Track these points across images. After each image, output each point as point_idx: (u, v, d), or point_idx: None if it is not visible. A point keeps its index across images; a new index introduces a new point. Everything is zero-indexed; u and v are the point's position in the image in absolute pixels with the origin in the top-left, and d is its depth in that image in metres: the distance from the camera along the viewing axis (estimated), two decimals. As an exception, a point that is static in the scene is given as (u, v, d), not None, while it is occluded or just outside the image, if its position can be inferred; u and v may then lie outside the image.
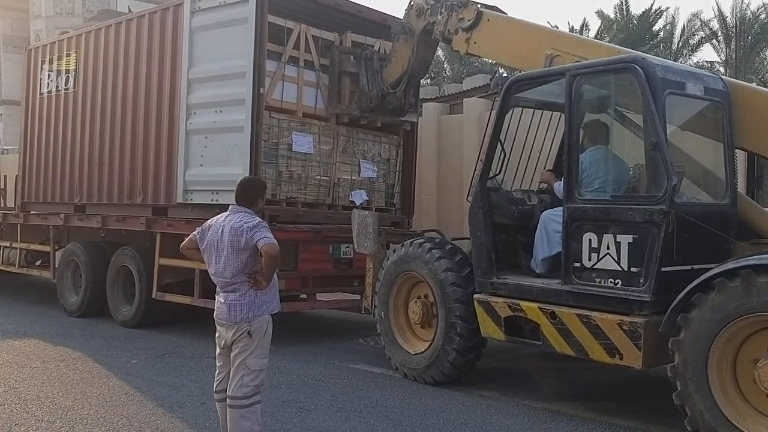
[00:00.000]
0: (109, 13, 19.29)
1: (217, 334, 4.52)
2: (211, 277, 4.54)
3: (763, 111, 5.51)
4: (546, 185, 6.61)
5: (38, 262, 11.34)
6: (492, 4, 7.03)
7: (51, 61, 10.50)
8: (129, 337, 8.44)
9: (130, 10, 20.26)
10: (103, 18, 15.25)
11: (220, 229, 4.42)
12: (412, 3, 7.43)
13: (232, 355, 4.42)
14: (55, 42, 10.78)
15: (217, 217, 4.56)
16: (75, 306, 9.88)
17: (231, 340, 4.39)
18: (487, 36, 6.86)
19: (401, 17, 7.74)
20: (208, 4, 8.14)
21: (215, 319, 4.50)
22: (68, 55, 10.18)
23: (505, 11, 7.09)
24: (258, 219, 4.43)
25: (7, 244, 11.61)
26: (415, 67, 7.68)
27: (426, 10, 7.25)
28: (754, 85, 6.93)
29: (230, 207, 4.53)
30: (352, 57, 8.37)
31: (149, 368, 6.94)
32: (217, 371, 4.56)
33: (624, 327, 4.98)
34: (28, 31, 26.14)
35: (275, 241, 4.31)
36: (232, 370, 4.41)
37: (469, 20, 6.90)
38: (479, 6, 6.91)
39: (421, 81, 9.33)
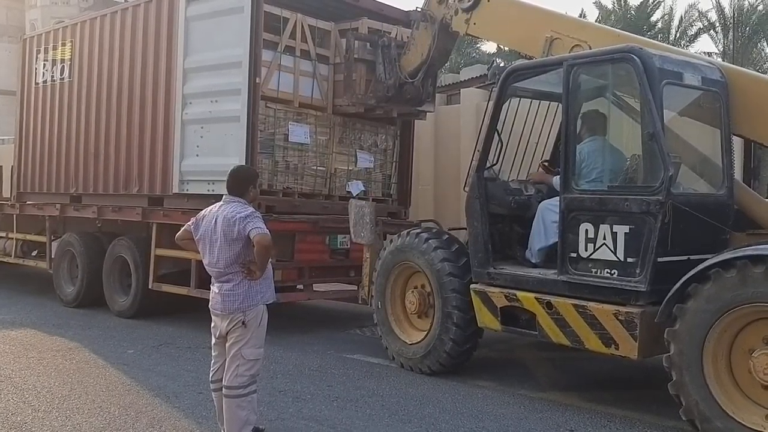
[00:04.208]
0: (105, 3, 19.14)
1: (212, 324, 4.52)
2: (206, 268, 4.54)
3: (763, 98, 5.48)
4: (542, 184, 6.50)
5: (34, 253, 11.31)
6: None
7: (46, 51, 10.43)
8: (125, 328, 8.44)
9: (125, 0, 20.16)
10: (99, 7, 15.13)
11: (214, 220, 4.41)
12: None
13: (227, 345, 4.42)
14: (50, 31, 10.71)
15: (211, 207, 4.56)
16: (71, 296, 9.86)
17: (226, 330, 4.39)
18: (487, 17, 6.83)
19: (396, 6, 7.65)
20: (203, -7, 8.10)
21: (210, 309, 4.50)
22: (63, 44, 10.11)
23: None
24: (251, 209, 4.43)
25: (3, 235, 11.57)
26: (435, 56, 7.50)
27: None
28: (754, 72, 6.91)
29: (223, 197, 4.53)
30: (368, 44, 8.13)
31: (146, 358, 6.95)
32: (212, 361, 4.57)
33: (620, 317, 4.99)
34: (23, 20, 25.94)
35: (267, 231, 4.31)
36: (227, 360, 4.41)
37: (469, 1, 6.87)
38: None
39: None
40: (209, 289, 4.58)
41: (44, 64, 10.45)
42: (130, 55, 9.01)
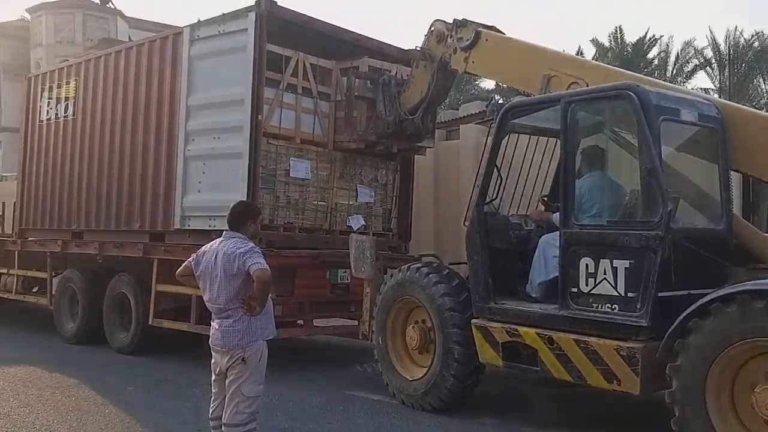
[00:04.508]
0: (110, 42, 19.42)
1: (212, 361, 4.51)
2: (206, 304, 4.54)
3: (759, 133, 5.53)
4: (542, 222, 6.52)
5: (35, 289, 11.30)
6: (490, 25, 7.12)
7: (51, 89, 10.55)
8: (125, 364, 8.40)
9: (130, 39, 20.43)
10: (104, 46, 15.35)
11: (214, 255, 4.43)
12: (432, 28, 7.38)
13: (227, 381, 4.40)
14: (55, 70, 10.85)
15: (212, 243, 4.58)
16: (71, 333, 9.83)
17: (226, 366, 4.38)
18: (485, 55, 6.93)
19: (396, 45, 7.76)
20: (207, 33, 8.24)
21: (210, 345, 4.49)
22: (68, 82, 10.24)
23: (503, 31, 7.17)
24: (250, 244, 4.44)
25: (5, 271, 11.57)
26: (435, 93, 7.61)
27: (446, 36, 7.23)
28: (750, 108, 6.98)
29: (224, 233, 4.56)
30: (369, 82, 8.26)
31: (145, 395, 6.90)
32: (212, 398, 4.54)
33: (621, 352, 4.97)
34: (28, 58, 26.25)
35: (267, 267, 4.32)
36: (227, 396, 4.39)
37: (467, 40, 6.98)
38: (478, 26, 6.99)
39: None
40: (209, 325, 4.58)
41: (48, 102, 10.57)
42: (133, 93, 9.11)
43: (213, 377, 4.52)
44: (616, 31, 29.87)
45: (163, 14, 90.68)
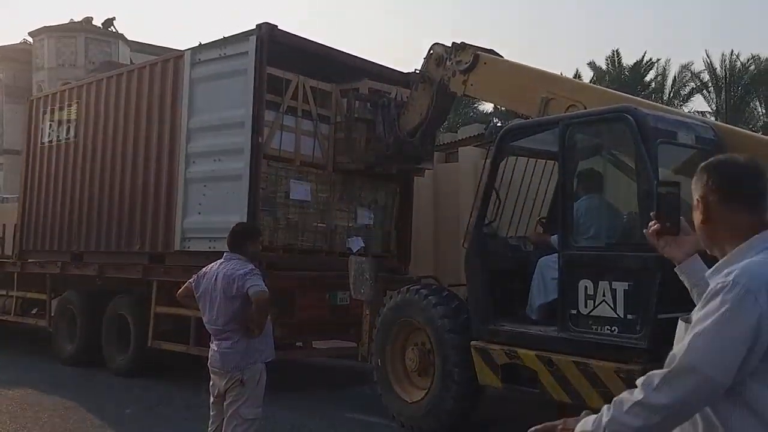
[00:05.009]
0: (111, 65, 19.59)
1: (211, 383, 4.50)
2: (205, 325, 4.54)
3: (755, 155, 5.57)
4: (541, 244, 6.53)
5: (34, 311, 11.27)
6: (489, 48, 7.19)
7: (52, 112, 10.62)
8: (123, 386, 8.35)
9: (132, 62, 20.61)
10: (105, 69, 15.49)
11: (214, 277, 4.45)
12: (431, 51, 7.44)
13: (225, 404, 4.39)
14: (56, 93, 10.94)
15: (212, 264, 4.60)
16: (70, 354, 9.79)
17: (224, 388, 4.37)
18: (484, 78, 6.99)
19: (396, 68, 7.81)
20: (208, 56, 8.32)
21: (209, 367, 4.49)
22: (69, 105, 10.31)
23: (501, 54, 7.24)
24: (250, 266, 4.45)
25: (4, 293, 11.55)
26: (434, 116, 7.65)
27: (445, 59, 7.29)
28: (746, 131, 7.02)
29: (224, 254, 4.57)
30: (368, 104, 8.32)
31: (143, 418, 6.86)
32: (210, 420, 4.52)
33: (621, 374, 4.95)
34: (30, 81, 26.46)
35: (266, 289, 4.34)
36: (225, 419, 4.37)
37: (466, 63, 7.04)
38: (476, 49, 7.07)
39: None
40: (208, 347, 4.58)
41: (50, 125, 10.63)
42: (135, 116, 9.17)
43: (211, 399, 4.51)
44: (614, 54, 30.17)
45: (164, 38, 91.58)
